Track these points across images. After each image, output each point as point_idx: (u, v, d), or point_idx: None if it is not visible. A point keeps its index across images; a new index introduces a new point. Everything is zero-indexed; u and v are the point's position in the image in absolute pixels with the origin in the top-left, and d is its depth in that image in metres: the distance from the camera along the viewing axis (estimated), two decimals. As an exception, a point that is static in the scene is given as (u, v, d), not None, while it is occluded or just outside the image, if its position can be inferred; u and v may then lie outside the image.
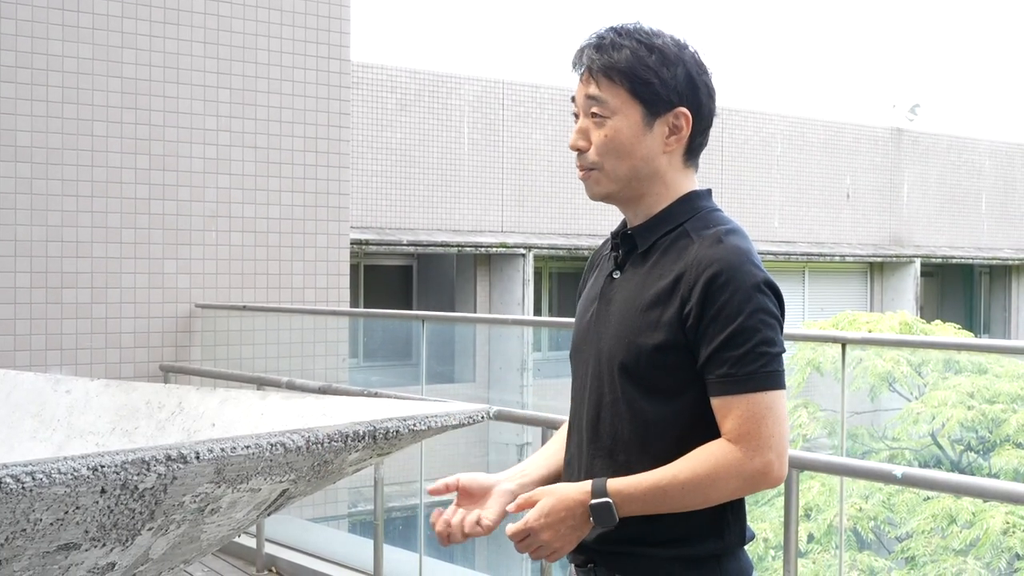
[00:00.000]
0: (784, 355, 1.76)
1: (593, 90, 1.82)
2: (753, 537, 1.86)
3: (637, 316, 1.79)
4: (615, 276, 1.88)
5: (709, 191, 1.89)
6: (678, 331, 1.74)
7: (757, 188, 17.84)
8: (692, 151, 1.87)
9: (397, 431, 2.31)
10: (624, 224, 1.92)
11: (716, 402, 1.73)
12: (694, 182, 1.89)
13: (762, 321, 1.71)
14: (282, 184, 7.57)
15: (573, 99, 1.89)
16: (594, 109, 1.83)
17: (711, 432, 1.74)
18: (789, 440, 1.74)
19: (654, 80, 1.79)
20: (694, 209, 1.84)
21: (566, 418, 2.01)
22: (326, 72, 7.72)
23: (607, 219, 15.48)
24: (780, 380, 1.72)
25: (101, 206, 6.90)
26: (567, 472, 1.94)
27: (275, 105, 7.53)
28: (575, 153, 1.87)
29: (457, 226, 14.90)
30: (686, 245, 1.78)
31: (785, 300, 1.81)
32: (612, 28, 1.84)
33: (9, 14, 6.59)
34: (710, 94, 1.85)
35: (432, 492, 1.93)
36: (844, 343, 4.02)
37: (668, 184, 1.85)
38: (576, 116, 1.88)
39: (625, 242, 1.88)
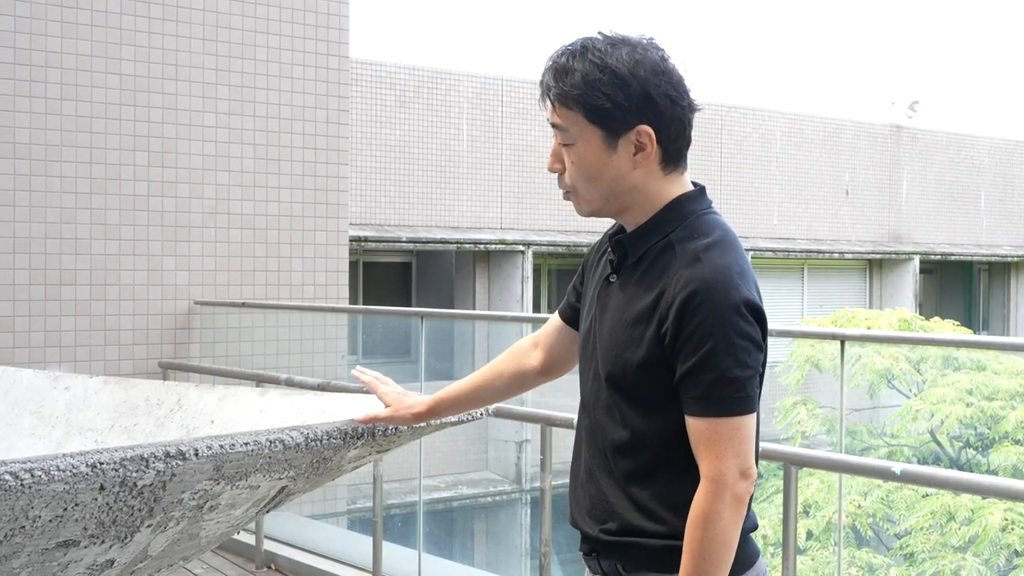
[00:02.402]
0: (757, 375, 1.77)
1: (555, 118, 1.83)
2: (755, 527, 1.89)
3: (623, 330, 1.82)
4: (611, 280, 1.89)
5: (701, 190, 1.87)
6: (657, 349, 1.76)
7: (756, 185, 17.84)
8: (669, 159, 1.83)
9: (396, 428, 2.31)
10: (621, 227, 1.92)
11: (689, 420, 1.76)
12: (682, 184, 1.86)
13: (735, 344, 1.71)
14: (281, 181, 7.56)
15: None
16: (559, 136, 1.84)
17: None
18: (755, 457, 1.77)
19: (607, 104, 1.76)
20: (681, 216, 1.83)
21: (564, 414, 2.04)
22: (325, 69, 7.72)
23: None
24: (751, 404, 1.74)
25: (100, 203, 6.90)
26: (574, 464, 2.00)
27: (274, 102, 7.53)
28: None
29: (456, 223, 14.90)
30: (670, 259, 1.78)
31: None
32: (567, 49, 1.81)
33: (8, 11, 6.58)
34: (674, 102, 1.79)
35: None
36: (843, 340, 4.02)
37: (650, 195, 1.84)
38: None
39: (618, 248, 1.89)
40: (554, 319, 2.13)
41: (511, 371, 2.18)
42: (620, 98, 1.76)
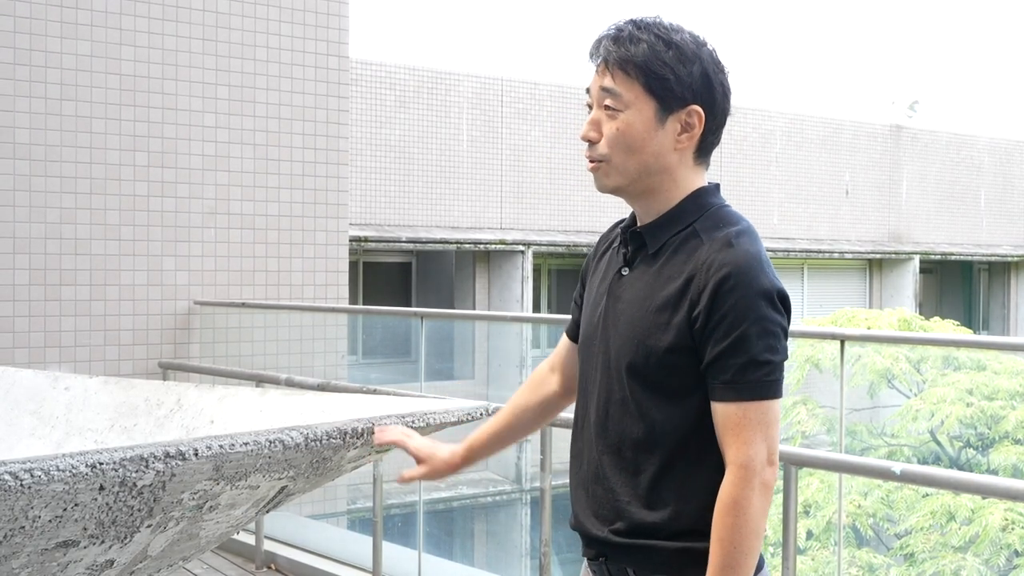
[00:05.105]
0: (784, 361, 1.77)
1: (608, 82, 1.81)
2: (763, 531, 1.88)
3: (647, 318, 1.79)
4: (624, 273, 1.88)
5: (717, 186, 1.89)
6: (686, 334, 1.75)
7: (756, 184, 17.84)
8: (703, 149, 1.86)
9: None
10: (633, 219, 1.91)
11: (716, 406, 1.75)
12: (704, 180, 1.88)
13: (765, 329, 1.72)
14: (281, 181, 7.56)
15: (588, 90, 1.87)
16: (608, 101, 1.82)
17: (714, 433, 1.76)
18: (779, 442, 1.77)
19: (670, 76, 1.78)
20: (703, 207, 1.83)
21: (564, 414, 2.03)
22: (325, 69, 7.72)
23: (606, 215, 15.47)
24: (779, 389, 1.75)
25: (100, 203, 6.89)
26: (575, 465, 1.96)
27: (274, 102, 7.53)
28: (585, 144, 1.86)
29: (456, 223, 14.90)
30: (696, 246, 1.78)
31: (790, 319, 1.81)
32: (631, 21, 1.83)
33: (8, 11, 6.58)
34: (725, 93, 1.84)
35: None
36: (843, 340, 4.01)
37: (678, 181, 1.84)
38: (590, 107, 1.87)
39: (634, 239, 1.87)
40: (564, 340, 2.12)
41: (536, 401, 2.15)
42: (683, 73, 1.78)
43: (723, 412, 1.73)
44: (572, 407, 2.04)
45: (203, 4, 7.23)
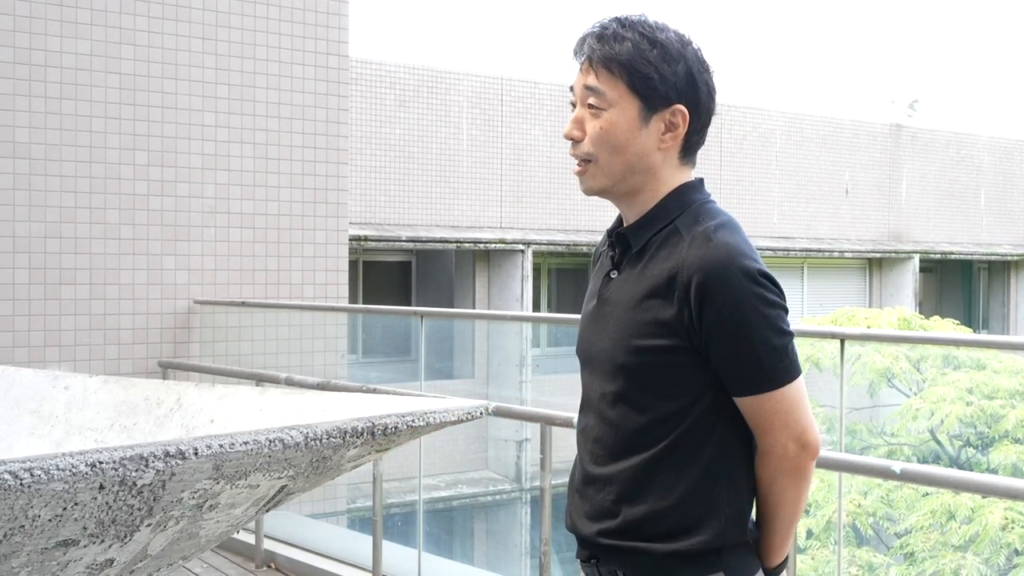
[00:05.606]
0: (794, 338, 1.78)
1: (592, 80, 1.80)
2: (756, 533, 1.86)
3: (634, 318, 1.79)
4: (612, 276, 1.88)
5: (700, 181, 1.88)
6: (679, 332, 1.74)
7: (756, 184, 17.84)
8: (688, 149, 1.85)
9: (396, 427, 2.30)
10: (619, 221, 1.91)
11: (742, 401, 1.76)
12: (689, 179, 1.87)
13: (765, 315, 1.72)
14: (281, 180, 7.56)
15: (572, 88, 1.86)
16: (591, 100, 1.81)
17: (726, 420, 1.78)
18: (807, 419, 1.79)
19: (654, 75, 1.77)
20: (684, 203, 1.83)
21: (563, 413, 2.03)
22: (325, 68, 7.72)
23: (606, 214, 15.46)
24: (793, 371, 1.75)
25: (100, 202, 6.90)
26: (574, 468, 1.96)
27: (274, 101, 7.53)
28: (570, 143, 1.85)
29: (456, 222, 14.90)
30: (677, 243, 1.77)
31: (784, 296, 1.80)
32: (616, 19, 1.82)
33: (7, 10, 6.58)
34: (710, 93, 1.83)
35: None
36: (843, 339, 4.01)
37: (662, 181, 1.83)
38: (574, 105, 1.86)
39: (620, 241, 1.87)
40: None
41: None
42: (667, 72, 1.77)
43: (744, 407, 1.76)
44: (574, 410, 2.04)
45: (203, 4, 7.23)
